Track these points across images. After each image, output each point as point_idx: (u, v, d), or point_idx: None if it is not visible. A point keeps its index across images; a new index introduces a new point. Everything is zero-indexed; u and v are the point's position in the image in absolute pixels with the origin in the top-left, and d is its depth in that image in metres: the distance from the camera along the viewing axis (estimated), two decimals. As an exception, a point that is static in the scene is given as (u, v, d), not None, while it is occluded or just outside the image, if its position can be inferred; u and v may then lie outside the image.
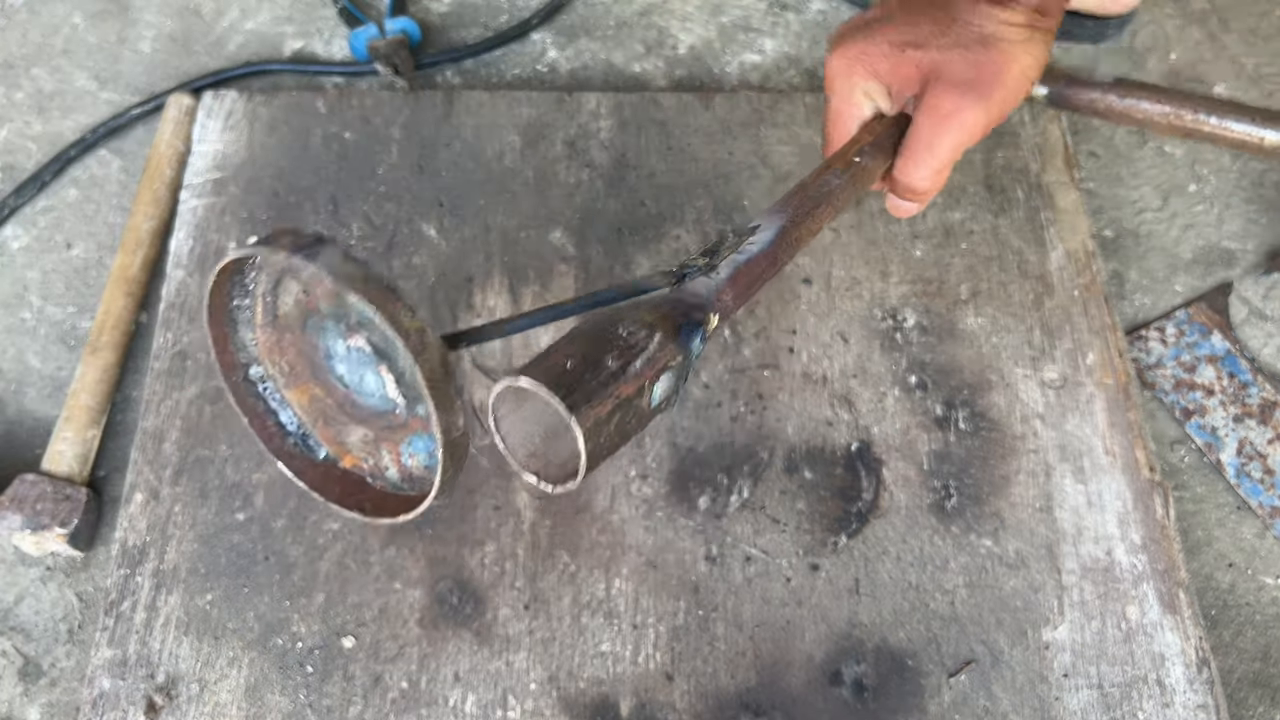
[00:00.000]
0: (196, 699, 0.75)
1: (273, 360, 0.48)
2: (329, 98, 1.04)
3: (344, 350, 0.46)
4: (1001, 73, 0.62)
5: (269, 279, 0.47)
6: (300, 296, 0.47)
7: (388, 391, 0.45)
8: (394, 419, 0.46)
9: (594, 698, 0.76)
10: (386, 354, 0.45)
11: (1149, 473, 0.84)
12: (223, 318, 0.48)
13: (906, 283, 0.93)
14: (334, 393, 0.47)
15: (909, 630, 0.78)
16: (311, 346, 0.47)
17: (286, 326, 0.48)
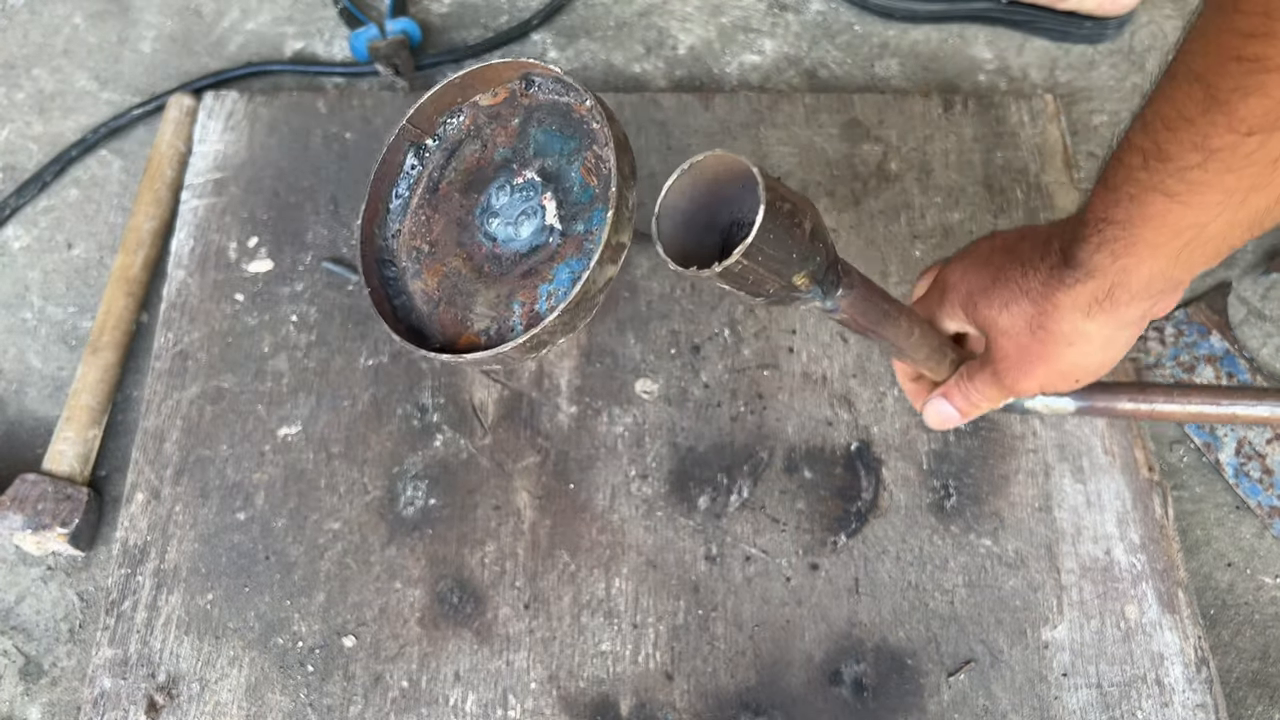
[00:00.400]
0: (197, 698, 0.76)
1: (411, 247, 0.52)
2: (330, 98, 1.04)
3: (505, 198, 0.50)
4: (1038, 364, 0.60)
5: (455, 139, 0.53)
6: (476, 154, 0.52)
7: (546, 221, 0.49)
8: (543, 254, 0.48)
9: (594, 697, 0.76)
10: (558, 176, 0.49)
11: (1148, 472, 0.84)
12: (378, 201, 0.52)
13: (906, 283, 0.94)
14: (476, 255, 0.50)
15: (908, 629, 0.78)
16: (466, 209, 0.51)
17: (445, 196, 0.52)
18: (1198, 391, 0.67)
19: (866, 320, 0.57)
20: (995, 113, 1.04)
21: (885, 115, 1.03)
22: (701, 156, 0.45)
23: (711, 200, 0.46)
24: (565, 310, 0.44)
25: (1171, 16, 1.18)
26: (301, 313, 0.91)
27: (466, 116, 0.54)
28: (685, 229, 0.46)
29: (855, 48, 1.15)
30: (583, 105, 0.50)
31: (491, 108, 0.53)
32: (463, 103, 0.54)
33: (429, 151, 0.54)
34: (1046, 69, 1.13)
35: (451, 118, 0.54)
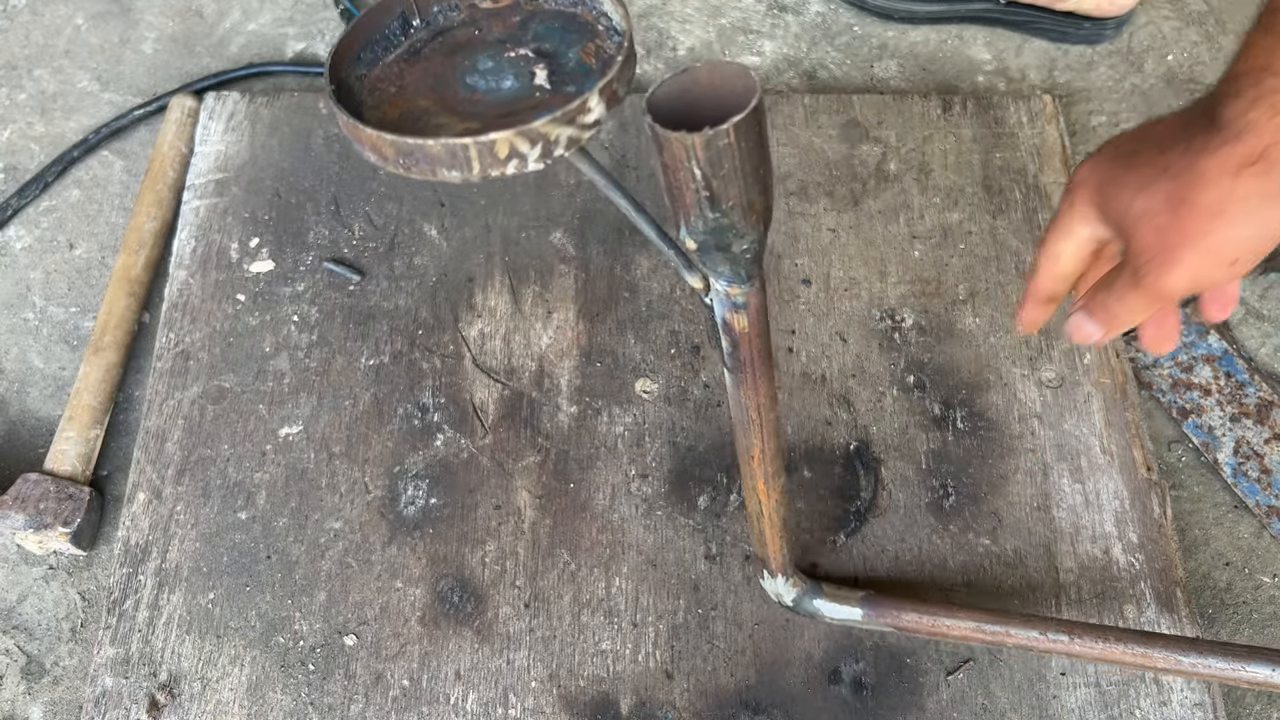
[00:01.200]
0: (199, 697, 0.76)
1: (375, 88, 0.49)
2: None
3: (491, 64, 0.48)
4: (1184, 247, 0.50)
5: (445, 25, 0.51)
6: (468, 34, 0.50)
7: (534, 82, 0.47)
8: (525, 103, 0.46)
9: (594, 696, 0.76)
10: (554, 55, 0.48)
11: (1146, 472, 0.85)
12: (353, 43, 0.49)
13: (905, 283, 0.94)
14: (449, 98, 0.47)
15: (907, 628, 0.79)
16: (447, 69, 0.49)
17: (425, 58, 0.50)
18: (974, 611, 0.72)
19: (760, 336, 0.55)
20: (994, 113, 1.04)
21: (884, 116, 1.03)
22: (695, 65, 0.45)
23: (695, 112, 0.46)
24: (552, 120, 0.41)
25: (1170, 17, 1.18)
26: (303, 313, 0.92)
27: (463, 11, 0.51)
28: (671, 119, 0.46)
29: (854, 49, 1.15)
30: (590, 13, 0.49)
31: (493, 9, 0.51)
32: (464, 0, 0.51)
33: (414, 29, 0.51)
34: (1045, 70, 1.14)
35: (448, 10, 0.51)
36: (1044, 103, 1.05)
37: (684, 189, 0.45)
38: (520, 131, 0.40)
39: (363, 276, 0.94)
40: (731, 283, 0.51)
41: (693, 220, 0.47)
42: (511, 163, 0.42)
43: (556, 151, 0.42)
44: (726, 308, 0.53)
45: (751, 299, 0.53)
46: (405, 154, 0.42)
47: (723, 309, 0.54)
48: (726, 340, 0.55)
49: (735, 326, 0.54)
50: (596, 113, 0.42)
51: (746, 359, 0.56)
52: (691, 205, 0.46)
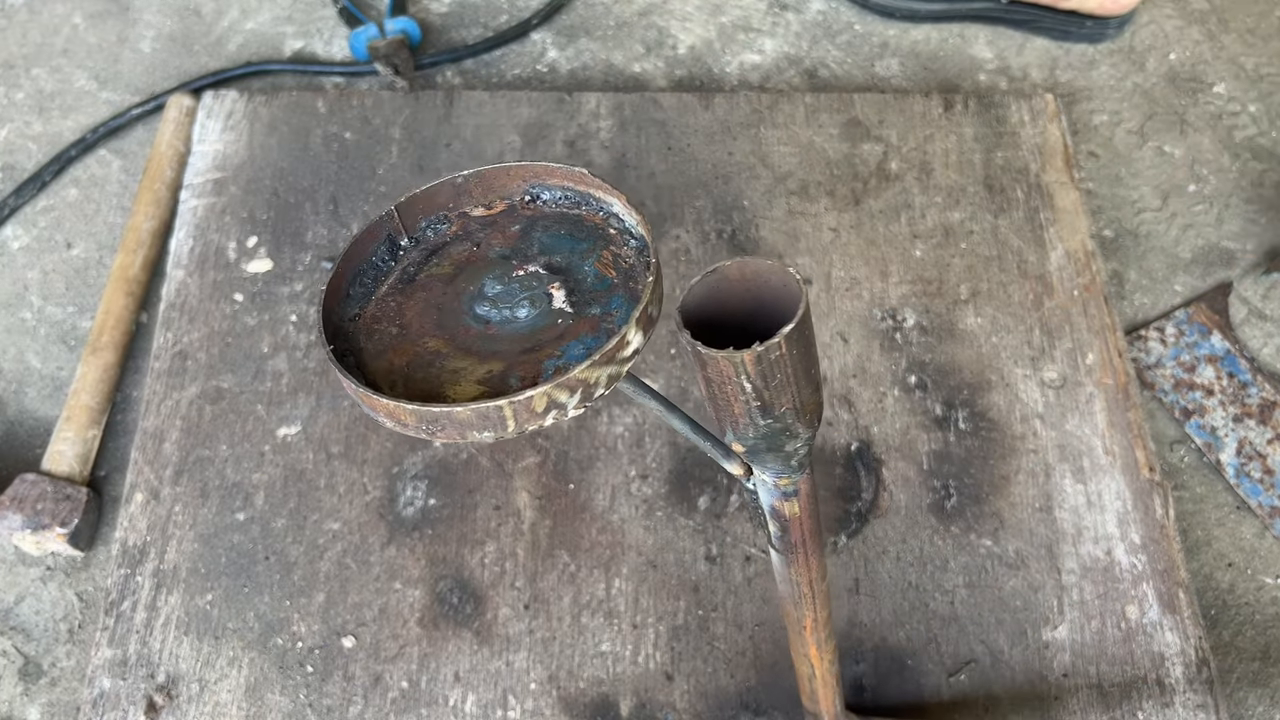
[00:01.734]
0: (197, 699, 0.75)
1: (374, 330, 0.45)
2: (329, 98, 1.04)
3: (501, 287, 0.44)
4: None
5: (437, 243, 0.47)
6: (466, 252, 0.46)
7: (553, 306, 0.43)
8: (549, 333, 0.42)
9: (594, 697, 0.76)
10: (567, 269, 0.44)
11: (1149, 473, 0.84)
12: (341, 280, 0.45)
13: (906, 283, 0.93)
14: (461, 336, 0.43)
15: (909, 630, 0.78)
16: (451, 297, 0.45)
17: (423, 286, 0.45)
18: None
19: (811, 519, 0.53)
20: (995, 112, 1.04)
21: (885, 115, 1.03)
22: (725, 262, 0.42)
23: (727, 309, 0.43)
24: (592, 365, 0.37)
25: (1172, 16, 1.18)
26: (301, 312, 0.91)
27: (454, 225, 0.47)
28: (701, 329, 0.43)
29: (855, 47, 1.15)
30: (597, 215, 0.45)
31: (486, 218, 0.47)
32: (452, 210, 0.47)
33: (404, 250, 0.47)
34: (1047, 68, 1.13)
35: (436, 224, 0.47)
36: (1046, 101, 1.04)
37: (733, 402, 0.42)
38: (559, 384, 0.37)
39: (361, 276, 0.93)
40: (782, 475, 0.48)
41: (742, 428, 0.44)
42: (550, 414, 0.38)
43: (597, 393, 0.39)
44: (775, 497, 0.50)
45: (802, 486, 0.49)
46: (430, 421, 0.38)
47: (770, 498, 0.51)
48: (775, 525, 0.52)
49: (784, 513, 0.51)
50: (635, 344, 0.39)
51: (798, 541, 0.53)
52: (741, 416, 0.43)
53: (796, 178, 0.99)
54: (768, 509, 0.51)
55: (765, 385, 0.41)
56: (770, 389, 0.41)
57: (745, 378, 0.40)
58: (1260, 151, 1.08)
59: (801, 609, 0.59)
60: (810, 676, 0.65)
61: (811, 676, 0.65)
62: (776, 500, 0.50)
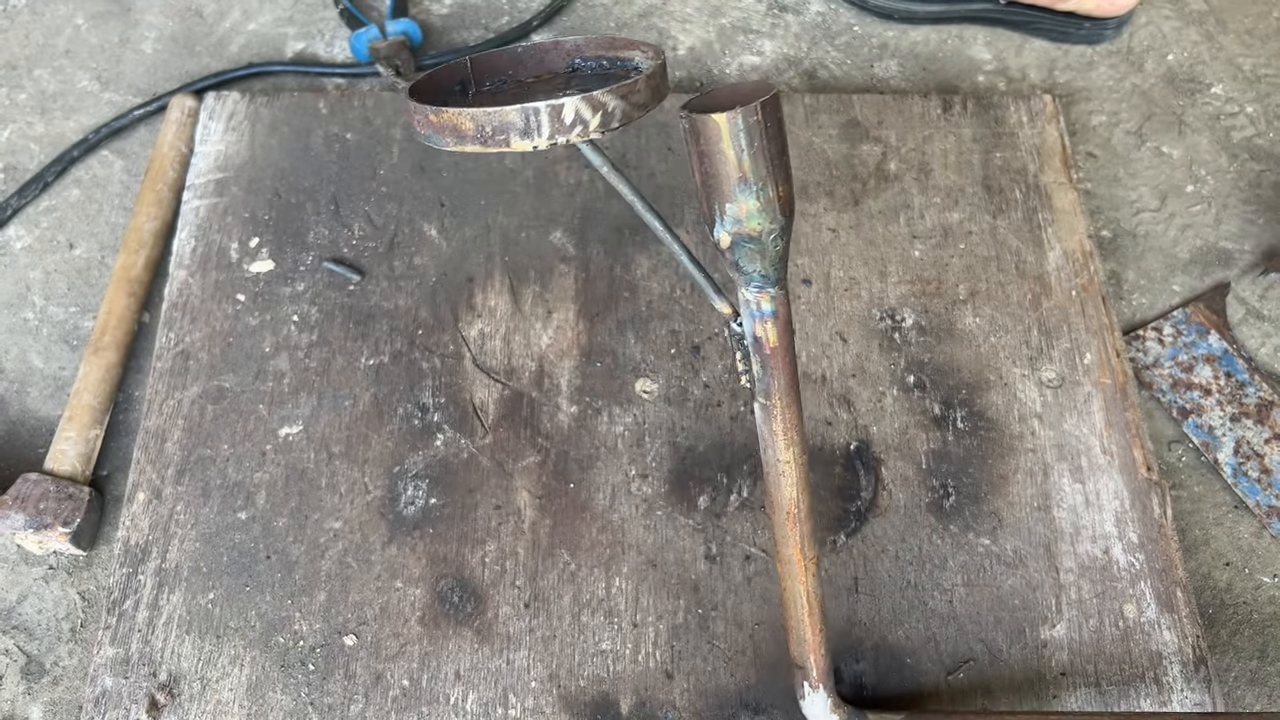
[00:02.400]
0: (198, 697, 0.76)
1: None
2: (330, 99, 1.04)
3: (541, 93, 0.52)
4: None
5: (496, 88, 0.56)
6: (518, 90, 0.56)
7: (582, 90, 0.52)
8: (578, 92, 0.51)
9: (594, 696, 0.76)
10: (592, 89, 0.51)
11: (1146, 472, 0.85)
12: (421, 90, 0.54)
13: (905, 283, 0.94)
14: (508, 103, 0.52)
15: (907, 629, 0.79)
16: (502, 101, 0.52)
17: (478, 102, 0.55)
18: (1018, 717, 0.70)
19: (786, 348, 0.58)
20: (994, 113, 1.04)
21: (884, 116, 1.03)
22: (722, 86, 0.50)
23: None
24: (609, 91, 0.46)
25: (1170, 17, 1.18)
26: (303, 313, 0.92)
27: (510, 85, 0.56)
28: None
29: (854, 49, 1.15)
30: (625, 73, 0.54)
31: (536, 80, 0.57)
32: (510, 75, 0.56)
33: (470, 94, 0.56)
34: (1045, 69, 1.14)
35: (498, 82, 0.57)
36: (1044, 102, 1.05)
37: (718, 171, 0.50)
38: (584, 98, 0.45)
39: (363, 276, 0.94)
40: (761, 286, 0.55)
41: (727, 209, 0.51)
42: (576, 129, 0.46)
43: (613, 123, 0.47)
44: (756, 319, 0.56)
45: (779, 307, 0.56)
46: (483, 123, 0.46)
47: (753, 322, 0.57)
48: (757, 361, 0.58)
49: (765, 342, 0.57)
50: (644, 95, 0.48)
51: (777, 383, 0.59)
52: (726, 187, 0.51)
53: (796, 178, 0.99)
54: (751, 340, 0.58)
55: (745, 149, 0.49)
56: (750, 153, 0.49)
57: (727, 142, 0.49)
58: (1258, 152, 1.08)
59: (782, 486, 0.61)
60: (796, 598, 0.65)
61: (797, 599, 0.65)
62: (759, 324, 0.57)
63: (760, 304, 0.56)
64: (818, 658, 0.67)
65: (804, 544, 0.63)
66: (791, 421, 0.60)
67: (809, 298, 0.93)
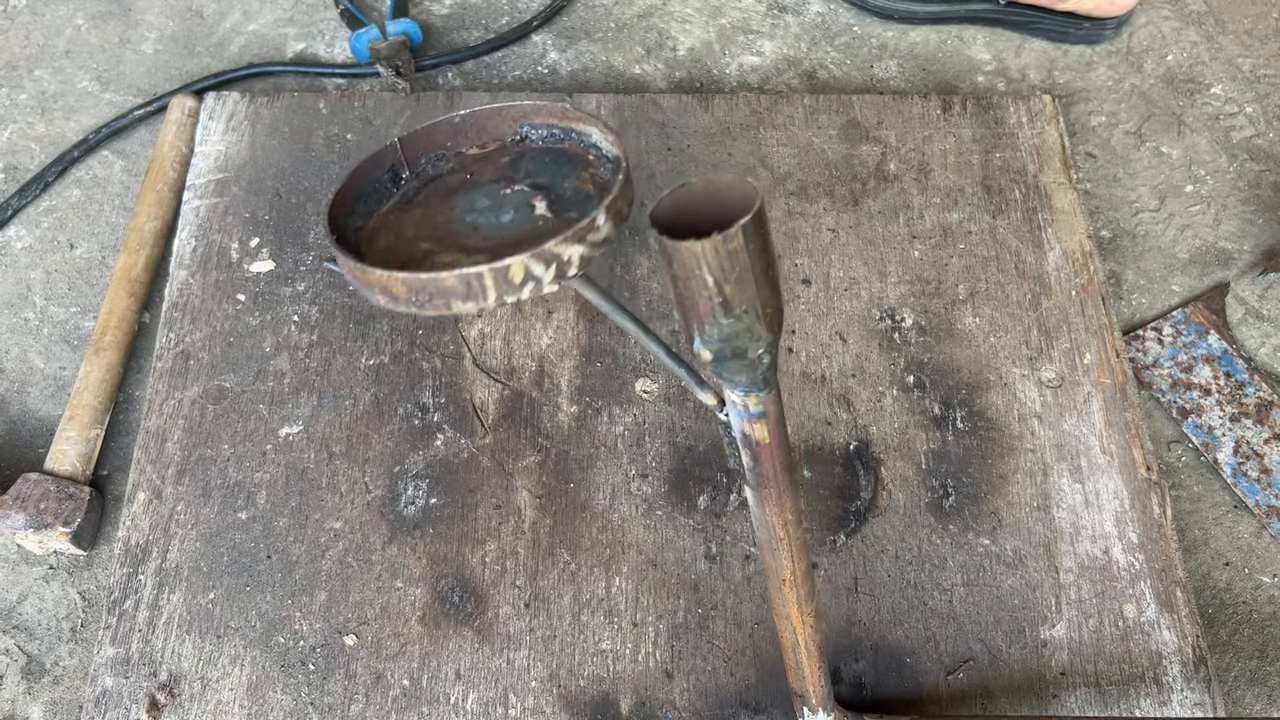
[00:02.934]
0: (199, 697, 0.76)
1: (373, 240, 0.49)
2: (331, 99, 1.04)
3: (489, 202, 0.48)
4: None
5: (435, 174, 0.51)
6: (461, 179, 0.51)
7: (535, 213, 0.47)
8: (531, 234, 0.46)
9: (594, 695, 0.76)
10: (550, 186, 0.48)
11: (1146, 472, 0.85)
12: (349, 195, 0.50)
13: (905, 283, 0.94)
14: (452, 238, 0.47)
15: (907, 629, 0.79)
16: (444, 212, 0.49)
17: (420, 205, 0.50)
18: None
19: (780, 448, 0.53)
20: (993, 113, 1.04)
21: (884, 116, 1.03)
22: (692, 180, 0.45)
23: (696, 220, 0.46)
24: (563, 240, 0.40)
25: (1169, 17, 1.18)
26: (303, 313, 0.92)
27: (451, 161, 0.52)
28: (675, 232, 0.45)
29: (854, 49, 1.15)
30: (579, 147, 0.49)
31: (480, 155, 0.52)
32: (450, 148, 0.52)
33: (404, 180, 0.52)
34: (1045, 70, 1.14)
35: (435, 160, 0.52)
36: (1044, 103, 1.05)
37: (697, 298, 0.44)
38: (534, 254, 0.40)
39: (363, 276, 0.94)
40: (749, 391, 0.50)
41: (707, 329, 0.46)
42: (527, 286, 0.41)
43: (570, 271, 0.42)
44: (745, 419, 0.52)
45: (770, 407, 0.51)
46: (418, 290, 0.41)
47: (740, 420, 0.52)
48: (747, 455, 0.54)
49: (755, 439, 0.52)
50: (605, 230, 0.43)
51: (769, 472, 0.54)
52: (705, 314, 0.45)
53: (795, 178, 1.00)
54: (739, 436, 0.53)
55: (725, 277, 0.43)
56: (730, 281, 0.43)
57: (706, 269, 0.42)
58: (1257, 152, 1.08)
59: (779, 556, 0.59)
60: (794, 646, 0.65)
61: (795, 645, 0.65)
62: (747, 423, 0.52)
63: (748, 406, 0.51)
64: (817, 688, 0.67)
65: (802, 604, 0.62)
66: (788, 506, 0.56)
67: (809, 298, 0.93)
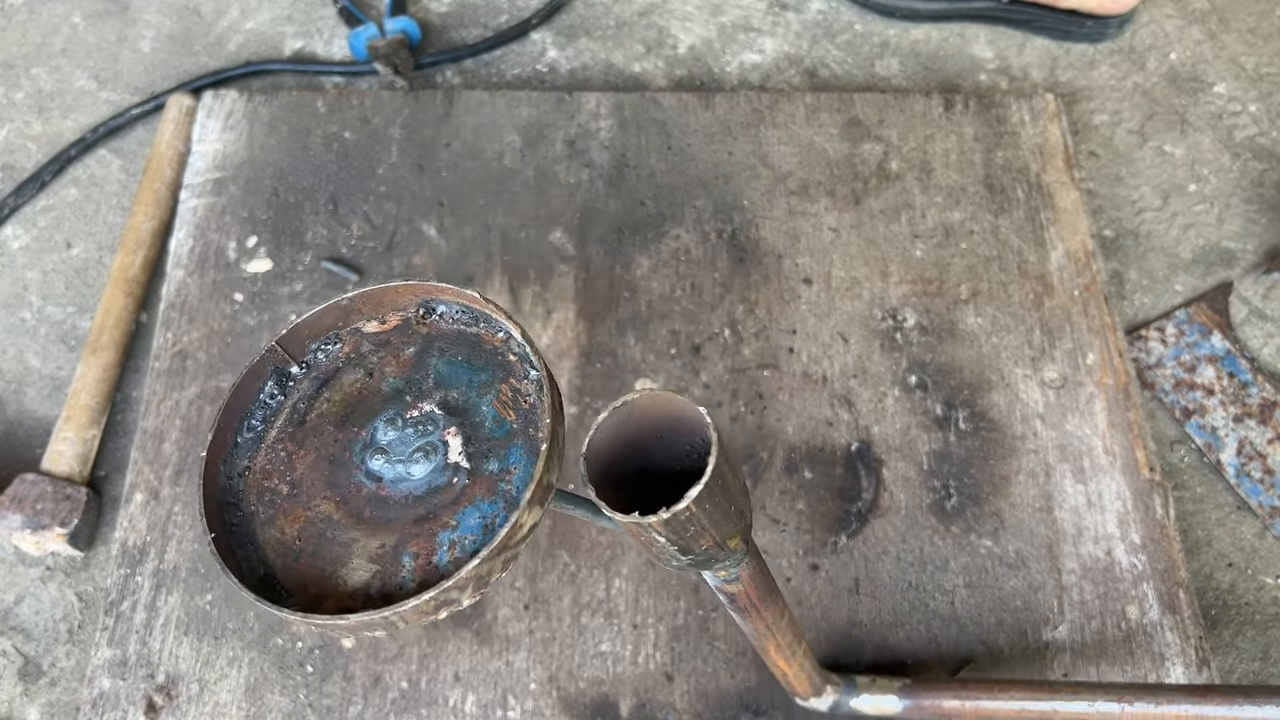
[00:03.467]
0: (196, 699, 0.75)
1: (263, 488, 0.43)
2: (329, 98, 1.04)
3: (394, 433, 0.42)
4: None
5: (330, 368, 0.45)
6: (358, 383, 0.44)
7: (450, 459, 0.41)
8: (444, 496, 0.41)
9: (594, 697, 0.76)
10: (464, 410, 0.42)
11: (1149, 473, 0.84)
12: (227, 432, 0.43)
13: (906, 283, 0.93)
14: (353, 498, 0.42)
15: (909, 630, 0.78)
16: (342, 445, 0.43)
17: (315, 429, 0.44)
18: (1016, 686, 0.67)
19: (758, 590, 0.51)
20: (996, 112, 1.03)
21: (886, 114, 1.03)
22: (635, 395, 0.41)
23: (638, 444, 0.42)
24: (484, 560, 0.36)
25: (1172, 15, 1.18)
26: (300, 313, 0.91)
27: (346, 344, 0.45)
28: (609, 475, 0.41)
29: (856, 47, 1.15)
30: (496, 336, 0.43)
31: (379, 334, 0.45)
32: (343, 328, 0.45)
33: (294, 380, 0.45)
34: (1047, 68, 1.13)
35: (327, 344, 0.45)
36: (1046, 101, 1.04)
37: (651, 548, 0.41)
38: (450, 587, 0.36)
39: (361, 276, 0.93)
40: (724, 580, 0.48)
41: (671, 563, 0.43)
42: (444, 610, 0.37)
43: (494, 579, 0.38)
44: (719, 583, 0.50)
45: (743, 573, 0.48)
46: (328, 630, 0.37)
47: (716, 583, 0.50)
48: (724, 599, 0.52)
49: (731, 592, 0.51)
50: (530, 523, 0.38)
51: (747, 606, 0.52)
52: (663, 557, 0.42)
53: (797, 177, 0.99)
54: (715, 589, 0.51)
55: (679, 537, 0.40)
56: (685, 539, 0.40)
57: (656, 534, 0.39)
58: (1261, 151, 1.08)
59: (765, 641, 0.59)
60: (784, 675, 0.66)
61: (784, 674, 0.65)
62: (724, 585, 0.50)
63: (724, 584, 0.49)
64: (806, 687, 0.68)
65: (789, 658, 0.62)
66: (769, 619, 0.55)
67: (810, 297, 0.92)
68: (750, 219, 0.97)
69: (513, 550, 0.37)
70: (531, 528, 0.38)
